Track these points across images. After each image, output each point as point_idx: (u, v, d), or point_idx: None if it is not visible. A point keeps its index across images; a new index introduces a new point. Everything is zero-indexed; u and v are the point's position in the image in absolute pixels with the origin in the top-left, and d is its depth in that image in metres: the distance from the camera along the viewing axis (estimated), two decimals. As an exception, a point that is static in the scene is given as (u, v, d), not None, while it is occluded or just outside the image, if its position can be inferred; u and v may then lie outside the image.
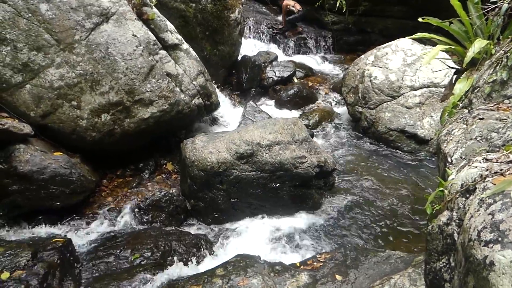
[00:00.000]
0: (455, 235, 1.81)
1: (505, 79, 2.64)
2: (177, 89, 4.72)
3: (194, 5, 6.31)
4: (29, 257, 3.18)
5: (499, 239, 1.36)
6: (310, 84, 8.03)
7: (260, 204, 4.47)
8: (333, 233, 4.27)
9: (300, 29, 9.84)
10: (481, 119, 2.47)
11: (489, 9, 3.29)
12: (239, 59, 7.82)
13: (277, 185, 4.40)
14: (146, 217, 4.33)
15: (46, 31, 4.04)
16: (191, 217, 4.56)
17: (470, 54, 3.23)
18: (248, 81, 7.58)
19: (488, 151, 2.12)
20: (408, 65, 6.24)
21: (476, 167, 1.87)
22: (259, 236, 4.23)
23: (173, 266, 3.72)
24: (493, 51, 3.20)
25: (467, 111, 2.83)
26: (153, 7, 4.78)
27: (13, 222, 3.97)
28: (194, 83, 4.98)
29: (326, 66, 9.31)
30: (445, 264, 1.88)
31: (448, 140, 2.58)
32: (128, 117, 4.45)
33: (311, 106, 7.41)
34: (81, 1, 4.15)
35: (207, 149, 4.31)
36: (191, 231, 4.29)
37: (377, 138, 6.13)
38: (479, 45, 3.20)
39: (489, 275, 1.33)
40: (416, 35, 4.13)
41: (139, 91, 4.42)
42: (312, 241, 4.17)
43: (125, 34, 4.35)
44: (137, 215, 4.33)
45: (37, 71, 4.07)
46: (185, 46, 5.04)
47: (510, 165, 1.76)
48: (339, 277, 3.44)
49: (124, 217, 4.30)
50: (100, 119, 4.33)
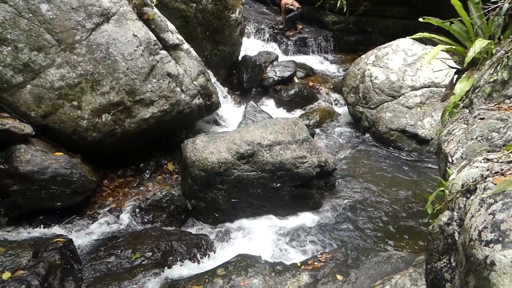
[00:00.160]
0: (456, 235, 1.81)
1: (506, 79, 2.64)
2: (178, 89, 4.72)
3: (194, 5, 6.31)
4: (30, 257, 3.19)
5: (500, 239, 1.36)
6: (310, 84, 8.02)
7: (260, 204, 4.47)
8: (334, 233, 4.27)
9: (299, 27, 9.83)
10: (482, 119, 2.47)
11: (489, 9, 3.29)
12: (240, 59, 7.82)
13: (277, 185, 4.40)
14: (147, 217, 4.33)
15: (46, 31, 4.05)
16: (192, 217, 4.56)
17: (471, 54, 3.23)
18: (248, 81, 7.57)
19: (489, 151, 2.12)
20: (408, 65, 6.24)
21: (477, 167, 1.87)
22: (260, 236, 4.24)
23: (174, 266, 3.73)
24: (494, 51, 3.20)
25: (467, 111, 2.83)
26: (154, 7, 4.78)
27: (14, 222, 3.97)
28: (194, 83, 4.98)
29: (326, 66, 9.30)
30: (446, 264, 1.88)
31: (449, 140, 2.58)
32: (128, 117, 4.45)
33: (312, 106, 7.41)
34: (81, 1, 4.15)
35: (207, 149, 4.32)
36: (192, 231, 4.29)
37: (378, 138, 6.13)
38: (479, 45, 3.20)
39: (490, 275, 1.33)
40: (416, 35, 4.13)
41: (140, 91, 4.42)
42: (312, 241, 4.17)
43: (126, 34, 4.36)
44: (138, 215, 4.33)
45: (38, 71, 4.08)
46: (186, 46, 5.04)
47: (511, 165, 1.76)
48: (340, 277, 3.44)
49: (125, 217, 4.31)
50: (100, 119, 4.33)
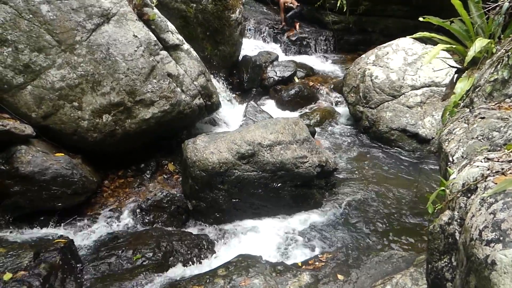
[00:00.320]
0: (457, 234, 1.80)
1: (506, 78, 2.64)
2: (178, 89, 4.72)
3: (194, 5, 6.31)
4: (31, 258, 3.18)
5: (501, 238, 1.36)
6: (311, 84, 8.01)
7: (261, 204, 4.47)
8: (335, 232, 4.26)
9: (297, 24, 9.81)
10: (482, 118, 2.47)
11: (490, 8, 3.29)
12: (240, 59, 7.82)
13: (278, 185, 4.40)
14: (147, 218, 4.33)
15: (47, 32, 4.05)
16: (193, 217, 4.55)
17: (471, 53, 3.23)
18: (249, 81, 7.58)
19: (489, 150, 2.12)
20: (409, 64, 6.23)
21: (477, 166, 1.87)
22: (261, 236, 4.23)
23: (174, 266, 3.73)
24: (494, 50, 3.20)
25: (468, 110, 2.82)
26: (154, 7, 4.78)
27: (15, 223, 3.97)
28: (195, 83, 4.98)
29: (327, 65, 9.30)
30: (446, 263, 1.88)
31: (449, 139, 2.58)
32: (129, 117, 4.45)
33: (312, 106, 7.40)
34: (82, 2, 4.16)
35: (208, 149, 4.32)
36: (193, 232, 4.29)
37: (378, 137, 6.12)
38: (480, 44, 3.20)
39: (491, 274, 1.33)
40: (417, 35, 4.13)
41: (140, 92, 4.43)
42: (313, 240, 4.17)
43: (126, 34, 4.36)
44: (138, 215, 4.33)
45: (38, 72, 4.08)
46: (186, 46, 5.04)
47: (511, 164, 1.76)
48: (341, 277, 3.44)
49: (125, 218, 4.31)
50: (101, 120, 4.33)
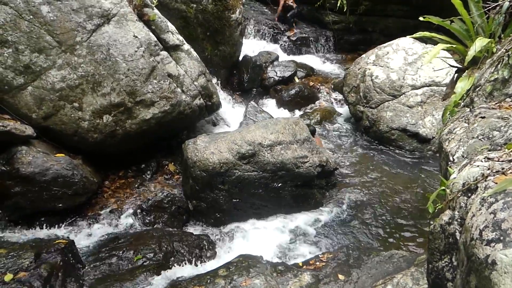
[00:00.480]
0: (457, 234, 1.80)
1: (506, 78, 2.64)
2: (179, 89, 4.72)
3: (195, 5, 6.31)
4: (32, 258, 3.19)
5: (501, 238, 1.36)
6: (311, 83, 8.01)
7: (262, 204, 4.47)
8: (335, 232, 4.26)
9: (294, 24, 9.87)
10: (482, 117, 2.47)
11: (490, 7, 3.29)
12: (240, 59, 7.82)
13: (279, 185, 4.40)
14: (148, 218, 4.33)
15: (47, 33, 4.05)
16: (193, 217, 4.56)
17: (471, 52, 3.23)
18: (249, 81, 7.57)
19: (490, 150, 2.11)
20: (409, 64, 6.23)
21: (477, 166, 1.87)
22: (261, 236, 4.23)
23: (175, 267, 3.73)
24: (495, 50, 3.20)
25: (468, 109, 2.82)
26: (154, 8, 4.78)
27: (15, 224, 3.98)
28: (195, 83, 4.98)
29: (327, 65, 9.29)
30: (447, 263, 1.88)
31: (450, 139, 2.58)
32: (129, 118, 4.45)
33: (313, 105, 7.39)
34: (82, 2, 4.16)
35: (208, 149, 4.32)
36: (194, 232, 4.29)
37: (379, 137, 6.12)
38: (480, 43, 3.20)
39: (491, 274, 1.33)
40: (417, 34, 4.13)
41: (141, 92, 4.43)
42: (314, 241, 4.17)
43: (126, 35, 4.36)
44: (139, 216, 4.34)
45: (39, 73, 4.08)
46: (186, 46, 5.05)
47: (511, 163, 1.76)
48: (341, 277, 3.44)
49: (126, 218, 4.31)
50: (101, 120, 4.33)
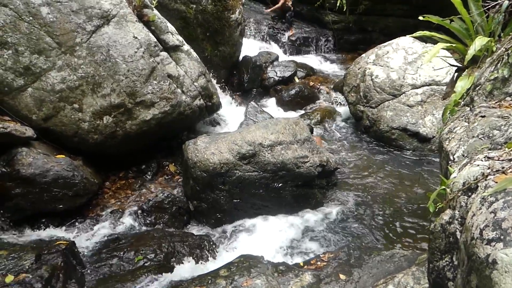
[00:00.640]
0: (458, 233, 1.80)
1: (506, 77, 2.64)
2: (179, 90, 4.72)
3: (194, 6, 6.32)
4: (32, 260, 3.19)
5: (502, 237, 1.36)
6: (311, 83, 8.02)
7: (262, 204, 4.47)
8: (336, 232, 4.26)
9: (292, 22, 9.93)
10: (483, 116, 2.46)
11: (489, 6, 3.29)
12: (240, 59, 7.82)
13: (279, 185, 4.40)
14: (149, 219, 4.33)
15: (47, 34, 4.06)
16: (194, 218, 4.56)
17: (471, 51, 3.22)
18: (249, 82, 7.58)
19: (490, 149, 2.11)
20: (409, 63, 6.23)
21: (478, 165, 1.87)
22: (262, 236, 4.23)
23: (176, 267, 3.73)
24: (494, 49, 3.19)
25: (468, 109, 2.82)
26: (154, 8, 4.79)
27: (16, 225, 3.98)
28: (195, 84, 4.98)
29: (327, 65, 9.30)
30: (448, 262, 1.87)
31: (450, 138, 2.57)
32: (130, 119, 4.46)
33: (313, 105, 7.41)
34: (82, 3, 4.16)
35: (209, 150, 4.32)
36: (194, 232, 4.29)
37: (379, 137, 6.12)
38: (480, 42, 3.20)
39: (492, 273, 1.33)
40: (417, 33, 4.12)
41: (141, 93, 4.43)
42: (315, 240, 4.16)
43: (126, 36, 4.36)
44: (140, 216, 4.34)
45: (39, 74, 4.08)
46: (186, 47, 5.05)
47: (511, 163, 1.76)
48: (343, 276, 3.43)
49: (127, 219, 4.31)
50: (102, 122, 4.34)
